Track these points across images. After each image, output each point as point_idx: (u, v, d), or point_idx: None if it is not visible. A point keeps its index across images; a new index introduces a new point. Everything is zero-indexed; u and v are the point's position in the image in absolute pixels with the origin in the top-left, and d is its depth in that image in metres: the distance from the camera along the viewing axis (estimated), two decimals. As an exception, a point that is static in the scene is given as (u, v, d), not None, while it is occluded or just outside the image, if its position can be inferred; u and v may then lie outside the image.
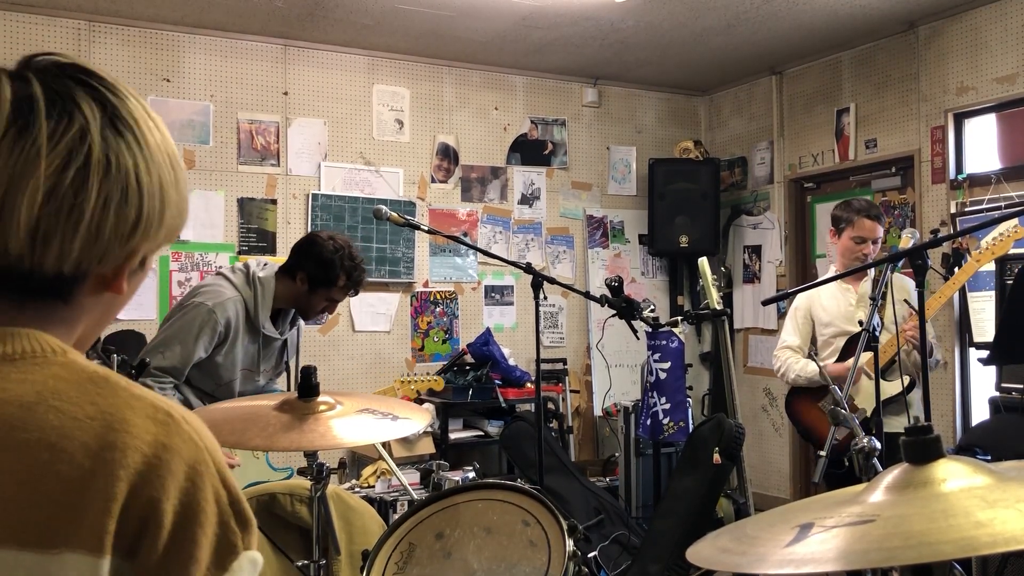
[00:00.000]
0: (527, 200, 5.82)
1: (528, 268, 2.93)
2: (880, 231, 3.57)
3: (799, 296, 3.78)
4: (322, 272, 2.83)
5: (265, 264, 2.96)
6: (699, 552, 0.99)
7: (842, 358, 3.54)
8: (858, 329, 3.50)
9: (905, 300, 3.38)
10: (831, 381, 2.46)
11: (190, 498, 0.70)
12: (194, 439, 0.73)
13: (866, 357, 3.14)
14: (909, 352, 3.39)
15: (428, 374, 4.95)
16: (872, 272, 3.49)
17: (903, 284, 3.54)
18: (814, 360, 2.56)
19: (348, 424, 1.80)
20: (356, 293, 3.01)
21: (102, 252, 0.75)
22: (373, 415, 1.83)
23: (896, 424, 3.27)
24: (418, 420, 1.90)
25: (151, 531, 0.68)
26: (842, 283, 3.67)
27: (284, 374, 3.16)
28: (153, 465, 0.69)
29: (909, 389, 3.39)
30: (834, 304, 3.67)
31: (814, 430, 3.62)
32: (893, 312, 2.98)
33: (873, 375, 3.38)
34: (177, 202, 0.81)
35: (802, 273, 5.73)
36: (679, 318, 3.87)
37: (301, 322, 3.16)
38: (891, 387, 3.25)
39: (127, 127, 0.76)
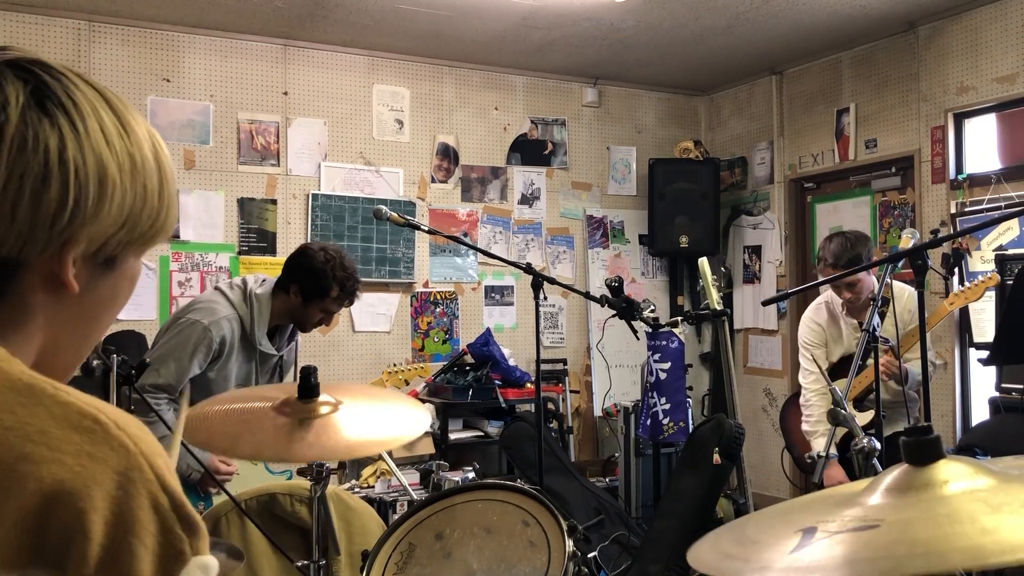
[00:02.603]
0: (527, 200, 5.81)
1: (528, 268, 2.92)
2: (853, 278, 3.40)
3: (809, 331, 3.70)
4: (314, 283, 2.81)
5: (263, 280, 2.93)
6: (701, 556, 0.98)
7: (832, 376, 3.54)
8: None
9: (886, 339, 3.30)
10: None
11: (122, 507, 0.66)
12: (125, 444, 0.68)
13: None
14: (886, 382, 3.36)
15: (414, 362, 4.86)
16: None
17: (900, 292, 3.52)
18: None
19: (347, 430, 1.79)
20: (351, 303, 2.97)
21: (24, 235, 0.71)
22: (371, 420, 1.83)
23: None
24: (419, 418, 1.90)
25: (78, 543, 0.65)
26: (848, 318, 3.62)
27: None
28: (76, 474, 0.65)
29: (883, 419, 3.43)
30: (843, 343, 3.64)
31: (796, 447, 3.81)
32: (895, 320, 2.97)
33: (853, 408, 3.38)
34: (132, 187, 0.76)
35: (802, 273, 5.73)
36: (679, 318, 3.87)
37: (298, 337, 3.15)
38: (863, 417, 3.27)
39: (59, 107, 0.73)
